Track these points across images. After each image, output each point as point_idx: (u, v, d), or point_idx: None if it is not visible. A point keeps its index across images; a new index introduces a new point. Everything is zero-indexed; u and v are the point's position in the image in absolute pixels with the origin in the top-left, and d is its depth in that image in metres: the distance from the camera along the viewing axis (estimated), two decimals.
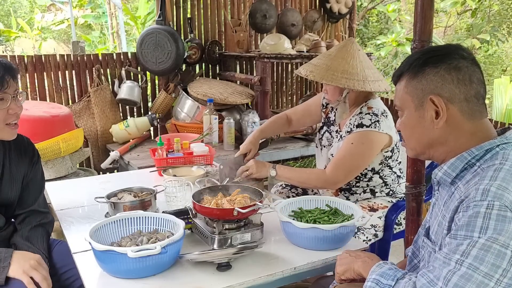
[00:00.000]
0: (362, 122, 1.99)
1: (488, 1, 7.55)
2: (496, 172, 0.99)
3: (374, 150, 2.01)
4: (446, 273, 0.94)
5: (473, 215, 0.95)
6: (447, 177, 1.10)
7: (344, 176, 2.00)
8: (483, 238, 0.92)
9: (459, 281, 0.92)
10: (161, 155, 2.34)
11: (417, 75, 1.11)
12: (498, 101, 5.32)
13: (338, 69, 1.99)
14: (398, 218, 2.14)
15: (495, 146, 1.05)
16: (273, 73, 4.34)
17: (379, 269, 1.13)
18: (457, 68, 1.07)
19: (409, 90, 1.13)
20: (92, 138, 3.52)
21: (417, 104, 1.12)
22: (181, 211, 1.58)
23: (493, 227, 0.92)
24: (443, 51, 1.11)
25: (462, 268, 0.92)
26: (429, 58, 1.10)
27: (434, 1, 1.60)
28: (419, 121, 1.12)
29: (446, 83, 1.07)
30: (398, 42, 7.28)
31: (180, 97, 3.44)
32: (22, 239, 1.57)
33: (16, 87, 1.50)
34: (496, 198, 0.94)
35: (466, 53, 1.09)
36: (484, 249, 0.91)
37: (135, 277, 1.30)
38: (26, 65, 3.32)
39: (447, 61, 1.08)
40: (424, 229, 1.24)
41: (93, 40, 9.23)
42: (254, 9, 4.02)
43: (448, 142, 1.10)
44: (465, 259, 0.93)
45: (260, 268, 1.37)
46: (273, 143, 3.40)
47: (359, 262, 1.26)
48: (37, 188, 1.69)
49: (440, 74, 1.07)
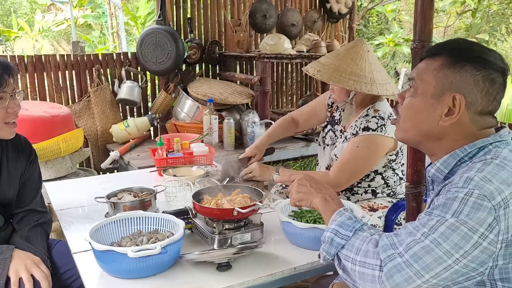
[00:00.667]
0: (368, 126, 1.98)
1: (487, 1, 7.56)
2: (485, 165, 0.99)
3: (379, 154, 2.00)
4: (410, 241, 0.96)
5: (450, 197, 0.96)
6: (440, 174, 1.11)
7: (347, 179, 2.00)
8: (453, 219, 0.93)
9: (419, 251, 0.94)
10: (161, 155, 2.34)
11: (455, 66, 1.05)
12: None
13: (346, 71, 1.97)
14: (398, 218, 2.14)
15: (488, 144, 1.05)
16: (273, 73, 4.34)
17: (338, 217, 1.13)
18: (492, 81, 1.04)
19: (439, 75, 1.06)
20: (92, 138, 3.52)
21: (436, 92, 1.07)
22: (181, 211, 1.57)
23: (467, 213, 0.93)
24: (492, 57, 1.05)
25: (426, 240, 0.94)
26: (477, 57, 1.05)
27: (434, 1, 1.60)
28: (429, 109, 1.08)
29: (476, 90, 1.04)
30: (395, 42, 7.28)
31: (180, 97, 3.44)
32: (21, 240, 1.57)
33: (14, 86, 1.50)
34: (477, 187, 0.94)
35: (506, 68, 1.06)
36: (452, 229, 0.93)
37: (135, 277, 1.29)
38: (26, 65, 3.32)
39: (489, 69, 1.04)
40: None
41: (93, 40, 9.23)
42: (254, 9, 4.02)
43: (445, 140, 1.10)
44: (431, 233, 0.94)
45: (260, 268, 1.36)
46: (273, 144, 3.39)
47: (319, 198, 1.25)
48: (34, 187, 1.69)
49: (477, 79, 1.03)
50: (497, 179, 0.96)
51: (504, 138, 1.06)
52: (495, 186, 0.94)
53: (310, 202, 1.27)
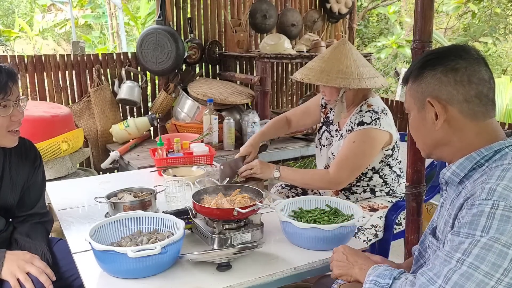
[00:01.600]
0: (362, 120, 2.00)
1: (486, 2, 7.56)
2: (504, 172, 0.98)
3: (376, 147, 2.01)
4: (447, 271, 0.94)
5: (477, 213, 0.95)
6: (455, 177, 1.10)
7: (347, 176, 2.01)
8: (485, 238, 0.92)
9: (459, 279, 0.92)
10: (161, 155, 2.34)
11: (417, 79, 1.13)
12: (498, 101, 5.34)
13: (333, 70, 2.01)
14: (398, 218, 2.14)
15: (505, 147, 1.05)
16: (273, 73, 4.34)
17: (375, 271, 1.15)
18: (454, 70, 1.07)
19: (412, 93, 1.15)
20: (92, 138, 3.52)
21: (419, 107, 1.13)
22: (181, 211, 1.58)
23: (496, 227, 0.92)
24: (441, 53, 1.11)
25: (463, 267, 0.93)
26: (427, 61, 1.12)
27: (434, 1, 1.60)
28: (422, 123, 1.14)
29: (444, 85, 1.08)
30: (398, 44, 7.28)
31: (180, 97, 3.44)
32: (21, 235, 1.57)
33: (18, 93, 1.48)
34: (501, 198, 0.93)
35: (466, 52, 1.09)
36: (486, 248, 0.91)
37: (135, 277, 1.30)
38: (26, 65, 3.32)
39: (444, 63, 1.08)
40: (430, 229, 1.24)
41: (93, 40, 9.24)
42: (254, 9, 4.02)
43: (452, 143, 1.11)
44: (466, 258, 0.93)
45: (260, 268, 1.37)
46: (273, 143, 3.40)
47: (356, 269, 1.27)
48: (38, 190, 1.68)
49: (437, 77, 1.08)
50: None
51: None
52: None
53: (350, 276, 1.28)
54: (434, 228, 1.20)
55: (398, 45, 7.28)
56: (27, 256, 1.44)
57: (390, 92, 7.91)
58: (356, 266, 1.28)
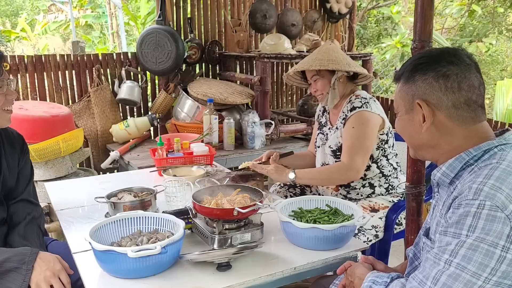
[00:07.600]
0: (353, 106, 2.10)
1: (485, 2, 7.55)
2: (492, 171, 0.99)
3: (373, 128, 2.08)
4: (435, 273, 0.96)
5: (463, 214, 0.96)
6: (446, 178, 1.11)
7: (361, 160, 2.05)
8: (471, 238, 0.93)
9: (447, 280, 0.94)
10: (161, 155, 2.34)
11: (408, 81, 1.14)
12: (499, 102, 5.38)
13: (324, 59, 2.14)
14: (399, 218, 2.15)
15: (494, 146, 1.05)
16: (273, 73, 4.33)
17: (372, 275, 1.19)
18: (445, 76, 1.07)
19: (401, 95, 1.16)
20: (92, 138, 3.52)
21: (407, 108, 1.15)
22: (181, 211, 1.58)
23: (481, 227, 0.92)
24: (433, 57, 1.12)
25: (451, 268, 0.94)
26: (418, 65, 1.12)
27: (434, 1, 1.60)
28: (409, 124, 1.16)
29: (434, 91, 1.08)
30: (402, 44, 7.27)
31: (180, 97, 3.44)
32: (18, 238, 1.57)
33: (7, 74, 1.54)
34: (488, 198, 0.94)
35: (458, 58, 1.09)
36: (472, 249, 0.92)
37: (135, 277, 1.30)
38: (26, 65, 3.32)
39: (435, 68, 1.09)
40: (424, 230, 1.24)
41: (93, 40, 9.24)
42: (254, 9, 4.02)
43: (440, 145, 1.12)
44: (454, 258, 0.94)
45: (260, 268, 1.37)
46: (273, 143, 3.40)
47: (356, 280, 1.27)
48: (26, 176, 1.70)
49: (428, 82, 1.09)
50: (506, 186, 0.95)
51: (509, 141, 1.06)
52: (505, 194, 0.94)
53: None
54: (427, 230, 1.21)
55: (403, 44, 7.26)
56: (57, 268, 1.39)
57: (390, 92, 7.91)
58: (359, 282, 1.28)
